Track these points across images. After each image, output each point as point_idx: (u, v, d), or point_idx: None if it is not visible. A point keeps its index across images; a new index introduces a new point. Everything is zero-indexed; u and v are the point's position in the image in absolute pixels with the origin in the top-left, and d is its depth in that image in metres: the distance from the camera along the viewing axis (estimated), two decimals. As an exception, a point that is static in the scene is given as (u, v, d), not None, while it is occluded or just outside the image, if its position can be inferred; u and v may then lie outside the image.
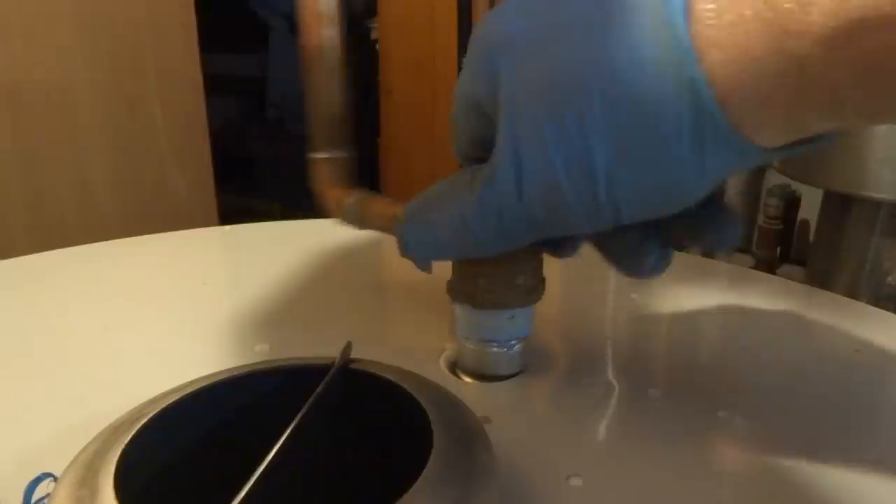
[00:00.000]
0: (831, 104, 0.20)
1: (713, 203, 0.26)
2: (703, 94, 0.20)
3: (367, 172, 2.06)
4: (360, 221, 0.37)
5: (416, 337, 0.39)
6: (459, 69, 0.27)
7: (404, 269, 0.32)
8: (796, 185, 1.30)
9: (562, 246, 0.29)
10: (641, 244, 0.27)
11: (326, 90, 0.37)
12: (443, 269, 0.32)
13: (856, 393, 0.35)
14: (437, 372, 0.34)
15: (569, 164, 0.22)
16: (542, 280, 0.32)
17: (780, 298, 0.45)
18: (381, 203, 0.36)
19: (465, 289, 0.31)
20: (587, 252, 0.30)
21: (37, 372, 0.35)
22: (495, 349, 0.33)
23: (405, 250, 0.29)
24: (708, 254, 1.62)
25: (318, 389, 0.24)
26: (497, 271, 0.30)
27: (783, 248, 1.37)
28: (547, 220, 0.24)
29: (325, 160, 0.38)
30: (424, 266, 0.30)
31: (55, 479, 0.21)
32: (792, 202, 1.34)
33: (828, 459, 0.28)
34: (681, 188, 0.22)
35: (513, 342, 0.33)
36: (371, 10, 1.90)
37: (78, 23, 1.07)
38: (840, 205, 0.94)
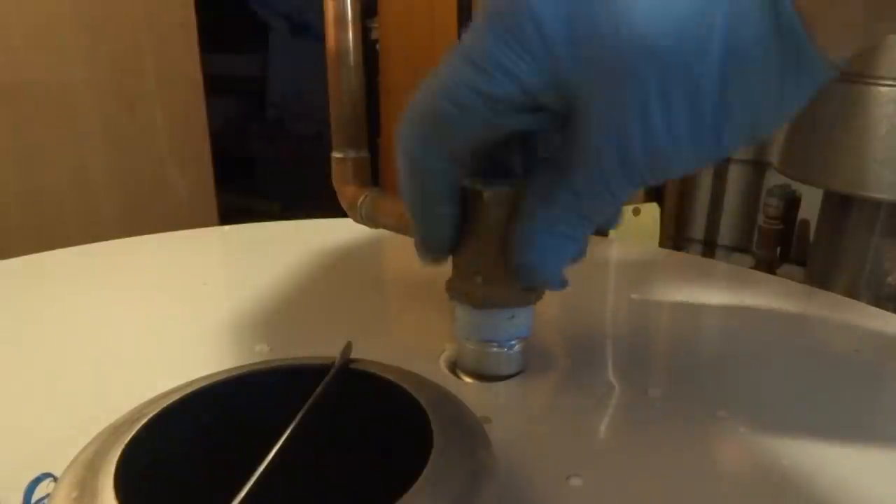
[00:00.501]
0: None
1: None
2: (787, 17, 0.21)
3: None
4: (371, 220, 0.37)
5: (416, 337, 0.39)
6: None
7: (404, 268, 0.32)
8: (796, 185, 1.30)
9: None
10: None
11: (346, 91, 0.37)
12: (443, 268, 0.32)
13: (856, 393, 0.35)
14: (437, 372, 0.34)
15: (673, 124, 0.22)
16: None
17: (780, 298, 0.45)
18: (389, 202, 0.37)
19: (464, 288, 0.31)
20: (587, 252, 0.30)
21: (37, 372, 0.35)
22: (495, 349, 0.33)
23: (536, 273, 0.28)
24: (708, 254, 1.62)
25: (318, 389, 0.24)
26: (497, 271, 0.30)
27: (783, 248, 1.37)
28: (651, 176, 0.24)
29: (342, 159, 0.39)
30: (556, 284, 0.29)
31: (55, 479, 0.21)
32: (792, 202, 1.34)
33: (827, 459, 0.28)
34: (769, 121, 0.23)
35: (513, 342, 0.33)
36: (371, 10, 1.90)
37: (78, 23, 1.07)
38: (840, 205, 0.94)
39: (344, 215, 0.41)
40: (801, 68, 0.22)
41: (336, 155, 0.39)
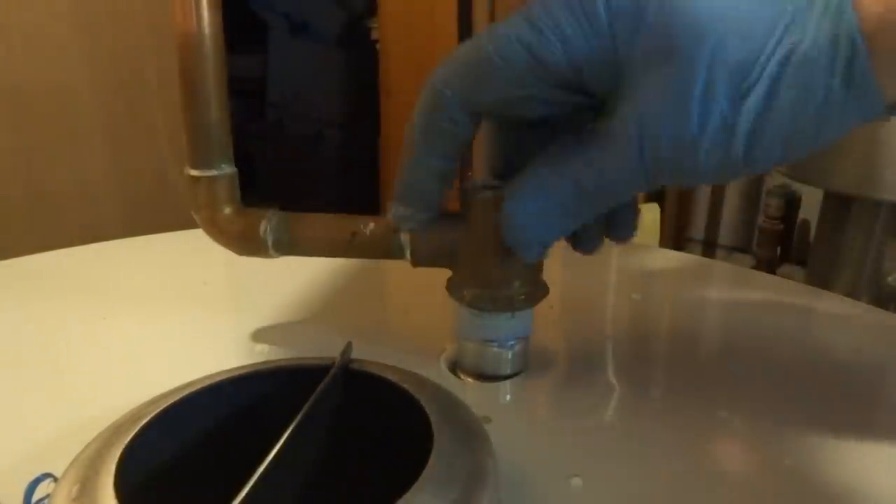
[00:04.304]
0: None
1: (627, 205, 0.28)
2: (858, 46, 0.20)
3: (367, 172, 2.06)
4: (284, 247, 0.32)
5: (416, 337, 0.39)
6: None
7: (405, 269, 0.32)
8: (796, 185, 1.30)
9: (584, 241, 0.30)
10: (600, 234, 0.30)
11: (209, 87, 0.30)
12: (443, 270, 0.32)
13: (856, 393, 0.34)
14: (437, 372, 0.34)
15: (709, 119, 0.22)
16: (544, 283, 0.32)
17: (780, 298, 0.45)
18: (325, 220, 0.32)
19: (465, 289, 0.31)
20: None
21: (37, 372, 0.35)
22: (495, 349, 0.33)
23: (515, 231, 0.27)
24: (708, 254, 1.62)
25: (318, 389, 0.24)
26: (495, 273, 0.30)
27: (783, 248, 1.37)
28: (671, 173, 0.23)
29: (214, 179, 0.32)
30: (532, 251, 0.28)
31: (55, 479, 0.21)
32: (792, 202, 1.34)
33: (828, 459, 0.28)
34: (815, 138, 0.22)
35: (513, 342, 0.33)
36: (371, 10, 1.90)
37: (78, 23, 1.07)
38: (840, 205, 0.94)
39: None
40: (854, 99, 0.21)
41: (203, 174, 0.31)
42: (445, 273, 0.32)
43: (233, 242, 0.33)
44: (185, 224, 0.58)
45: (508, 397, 0.33)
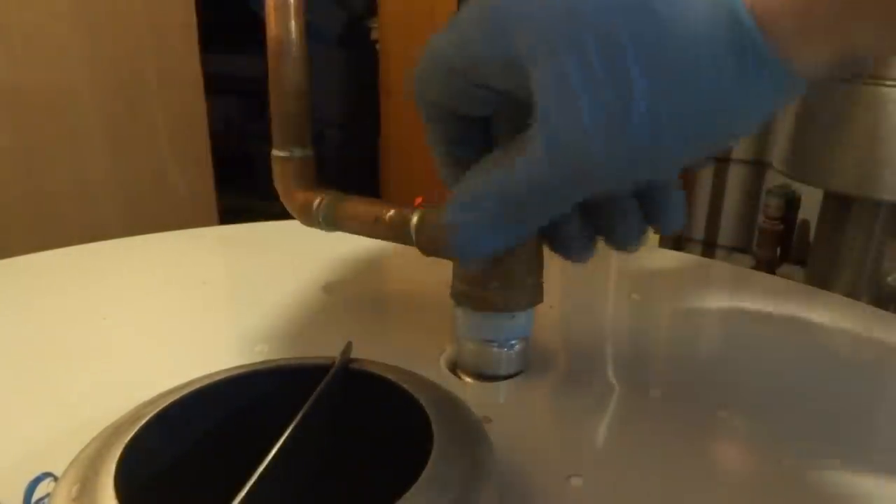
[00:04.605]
0: (884, 15, 0.18)
1: (667, 187, 0.26)
2: (740, 15, 0.19)
3: (367, 172, 2.06)
4: (331, 224, 0.36)
5: (416, 337, 0.39)
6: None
7: (404, 268, 0.32)
8: (796, 185, 1.30)
9: (568, 244, 0.28)
10: (635, 228, 0.27)
11: (290, 83, 0.36)
12: (442, 269, 0.32)
13: (856, 393, 0.35)
14: (437, 372, 0.34)
15: (603, 110, 0.20)
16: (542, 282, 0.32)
17: (780, 298, 0.45)
18: (352, 204, 0.36)
19: (465, 291, 0.31)
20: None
21: (37, 372, 0.35)
22: (495, 349, 0.33)
23: (451, 234, 0.25)
24: (708, 254, 1.62)
25: (318, 389, 0.24)
26: (500, 274, 0.30)
27: (783, 248, 1.37)
28: (578, 174, 0.22)
29: (287, 159, 0.38)
30: (467, 260, 0.28)
31: (55, 479, 0.21)
32: (792, 202, 1.34)
33: (827, 459, 0.28)
34: (722, 125, 0.21)
35: (513, 342, 0.33)
36: (371, 10, 1.90)
37: (78, 23, 1.07)
38: (840, 205, 0.94)
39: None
40: (756, 71, 0.19)
41: (279, 154, 0.37)
42: (446, 272, 0.32)
43: (297, 214, 0.38)
44: (185, 224, 0.58)
45: (508, 397, 0.33)
